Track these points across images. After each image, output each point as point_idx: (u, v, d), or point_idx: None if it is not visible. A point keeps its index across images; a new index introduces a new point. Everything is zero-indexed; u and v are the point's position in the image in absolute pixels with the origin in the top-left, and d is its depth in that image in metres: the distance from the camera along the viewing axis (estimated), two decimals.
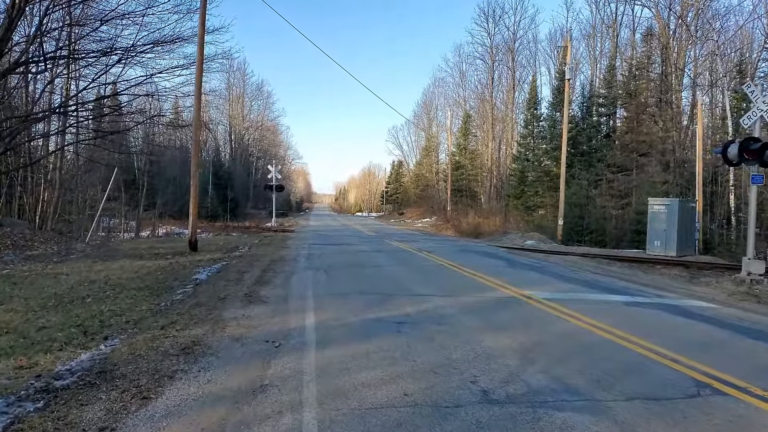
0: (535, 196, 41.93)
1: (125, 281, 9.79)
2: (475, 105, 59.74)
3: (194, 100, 16.62)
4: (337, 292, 8.79)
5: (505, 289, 9.42)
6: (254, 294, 8.30)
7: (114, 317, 6.67)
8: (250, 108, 75.69)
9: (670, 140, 32.98)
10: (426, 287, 9.42)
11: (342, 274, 11.09)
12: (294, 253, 15.86)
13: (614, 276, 12.40)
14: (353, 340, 5.59)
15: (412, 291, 8.94)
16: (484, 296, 8.61)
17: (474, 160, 56.69)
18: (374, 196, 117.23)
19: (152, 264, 12.67)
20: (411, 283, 9.83)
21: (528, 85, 52.15)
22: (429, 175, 68.43)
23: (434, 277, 10.83)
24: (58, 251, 15.13)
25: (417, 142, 77.77)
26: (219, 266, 12.15)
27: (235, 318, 6.55)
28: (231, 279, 9.98)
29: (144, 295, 8.22)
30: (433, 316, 6.92)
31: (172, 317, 6.52)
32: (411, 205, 72.36)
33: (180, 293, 8.38)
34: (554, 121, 41.99)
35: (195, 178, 16.60)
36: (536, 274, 12.07)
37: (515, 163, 47.07)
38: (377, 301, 7.92)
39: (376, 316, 6.76)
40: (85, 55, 18.11)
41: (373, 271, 11.70)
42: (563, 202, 28.36)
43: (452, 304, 7.73)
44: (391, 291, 8.88)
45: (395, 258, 14.80)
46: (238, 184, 64.13)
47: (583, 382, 4.37)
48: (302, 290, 8.89)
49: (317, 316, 6.73)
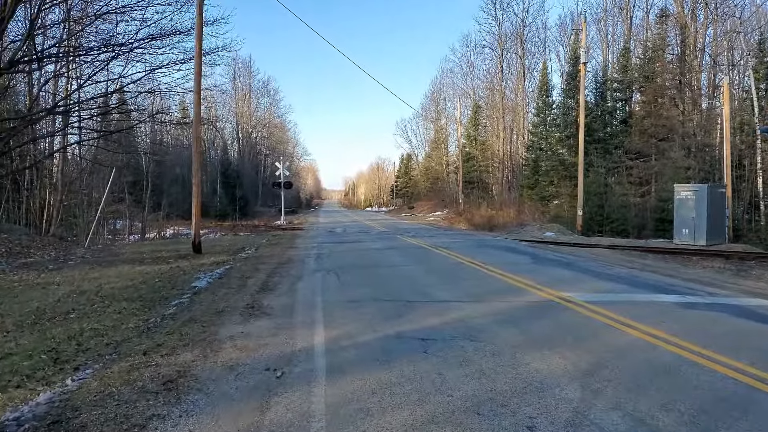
0: (550, 185, 40.73)
1: (118, 291, 8.92)
2: (484, 95, 58.45)
3: (194, 94, 15.70)
4: (350, 298, 7.83)
5: (538, 290, 8.41)
6: (257, 304, 7.36)
7: (94, 338, 5.77)
8: (257, 105, 75.02)
9: (691, 123, 31.67)
10: (448, 290, 8.43)
11: (354, 277, 10.12)
12: (303, 254, 14.93)
13: (652, 270, 11.33)
14: (371, 366, 4.62)
15: (434, 296, 7.95)
16: (517, 300, 7.61)
17: (485, 151, 55.44)
18: (383, 191, 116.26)
19: (151, 270, 11.82)
20: (431, 286, 8.84)
21: (538, 73, 50.80)
22: (439, 167, 67.24)
23: (455, 278, 9.83)
24: (56, 258, 14.33)
25: (426, 135, 76.63)
26: (222, 270, 11.24)
27: (231, 337, 5.61)
28: (233, 286, 9.06)
29: (134, 309, 7.32)
30: (462, 328, 5.93)
31: (160, 338, 5.60)
32: (421, 199, 71.24)
33: (174, 305, 7.47)
34: (567, 108, 40.70)
35: (197, 177, 15.70)
36: (566, 270, 11.03)
37: (528, 153, 45.90)
38: (395, 309, 6.95)
39: (395, 331, 5.79)
40: (85, 52, 17.29)
41: (387, 272, 10.72)
42: (582, 192, 27.16)
43: (482, 312, 6.73)
44: (410, 296, 7.91)
45: (410, 256, 13.81)
46: (247, 182, 63.44)
47: (675, 424, 3.37)
48: (310, 297, 7.94)
49: (327, 332, 5.77)
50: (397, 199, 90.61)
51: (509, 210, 39.63)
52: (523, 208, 39.88)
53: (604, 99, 39.21)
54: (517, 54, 52.93)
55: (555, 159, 40.60)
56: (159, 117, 21.59)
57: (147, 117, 19.30)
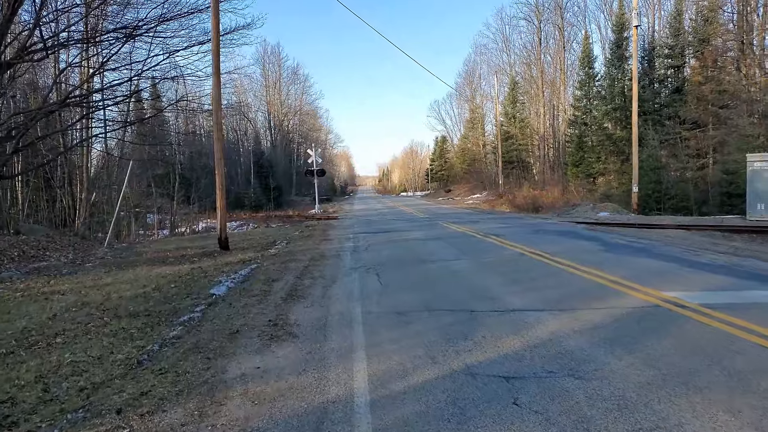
0: (597, 162, 38.23)
1: (126, 302, 7.65)
2: (521, 71, 55.65)
3: (213, 76, 14.34)
4: (396, 308, 6.28)
5: (631, 289, 6.67)
6: (281, 320, 5.89)
7: (68, 379, 4.40)
8: (287, 93, 73.96)
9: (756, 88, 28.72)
10: (519, 294, 6.76)
11: (398, 276, 8.55)
12: (337, 247, 13.48)
13: (751, 255, 9.40)
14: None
15: (502, 302, 6.31)
16: (611, 306, 5.90)
17: (524, 128, 52.88)
18: (418, 175, 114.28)
19: (170, 272, 10.58)
20: (495, 288, 7.19)
21: (578, 44, 47.91)
22: (475, 148, 64.86)
23: (522, 276, 8.14)
24: (73, 260, 13.30)
25: (460, 115, 74.12)
26: (247, 271, 9.88)
27: (243, 377, 4.14)
28: (256, 292, 7.63)
29: (135, 328, 5.98)
30: (556, 356, 4.31)
31: (149, 380, 4.18)
32: (458, 182, 69.11)
33: (182, 323, 6.09)
34: (613, 78, 37.99)
35: (220, 167, 14.41)
36: (650, 260, 9.20)
37: (571, 128, 43.38)
38: (458, 325, 5.36)
39: (465, 364, 4.21)
40: (98, 36, 16.16)
41: (437, 269, 9.11)
42: (637, 167, 24.84)
43: (573, 327, 5.08)
44: (472, 303, 6.30)
45: (459, 247, 12.15)
46: (280, 171, 62.67)
47: None
48: (347, 307, 6.43)
49: (371, 366, 4.24)
50: (432, 183, 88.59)
51: (553, 189, 37.56)
52: (568, 187, 37.71)
53: (653, 67, 36.32)
54: (556, 25, 50.04)
55: (601, 134, 38.07)
56: (182, 105, 20.40)
57: (168, 105, 18.07)
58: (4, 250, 12.93)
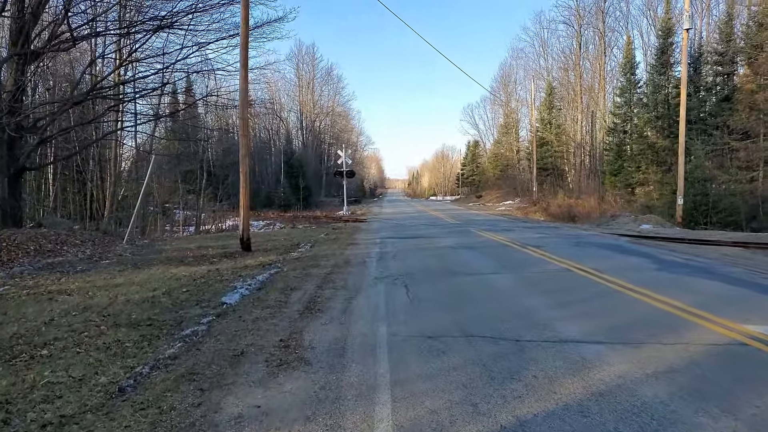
0: (637, 171, 36.64)
1: (131, 307, 7.01)
2: (558, 76, 54.04)
3: (240, 68, 13.74)
4: (427, 330, 5.42)
5: (705, 320, 5.65)
6: (294, 340, 5.11)
7: (37, 407, 3.69)
8: (320, 93, 73.82)
9: None
10: (571, 320, 5.81)
11: (428, 290, 7.68)
12: (363, 252, 12.69)
13: None
14: None
15: (553, 330, 5.37)
16: (687, 342, 4.90)
17: (560, 135, 51.29)
18: (448, 180, 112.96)
19: (186, 273, 9.97)
20: (542, 310, 6.26)
21: (618, 49, 46.30)
22: (509, 154, 63.39)
23: (571, 296, 7.17)
24: (90, 256, 12.85)
25: (494, 120, 72.72)
26: (265, 277, 9.16)
27: (239, 421, 3.35)
28: (270, 303, 6.88)
29: (130, 342, 5.29)
30: (632, 411, 3.38)
31: (123, 418, 3.43)
32: (490, 187, 67.66)
33: (184, 337, 5.36)
34: (656, 86, 36.36)
35: (245, 165, 13.80)
36: (714, 282, 8.10)
37: (610, 136, 41.82)
38: (501, 359, 4.47)
39: (516, 418, 3.32)
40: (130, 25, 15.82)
41: (472, 284, 8.21)
42: (683, 178, 23.39)
43: (647, 371, 4.13)
44: (517, 329, 5.39)
45: (495, 258, 11.20)
46: (310, 172, 62.40)
47: None
48: (371, 328, 5.60)
49: (398, 415, 3.40)
50: (463, 188, 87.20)
51: (589, 199, 36.14)
52: (605, 197, 36.23)
53: (699, 74, 34.60)
54: (597, 29, 48.44)
55: (642, 142, 36.46)
56: (212, 100, 19.97)
57: (197, 99, 17.64)
58: (21, 244, 12.57)
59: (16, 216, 15.56)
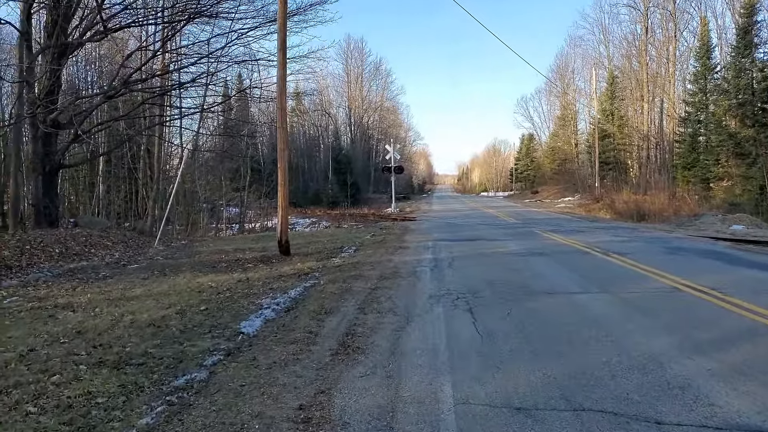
0: (716, 165, 33.28)
1: (133, 332, 5.72)
2: (620, 64, 50.39)
3: (278, 52, 12.38)
4: (514, 397, 3.69)
5: None
6: (318, 410, 3.50)
7: None
8: (368, 88, 72.57)
9: None
10: (723, 379, 3.93)
11: (503, 319, 5.88)
12: (414, 260, 11.04)
13: None
14: None
15: (709, 402, 3.51)
16: None
17: (623, 127, 47.83)
18: (500, 175, 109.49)
19: (213, 283, 8.68)
20: (675, 360, 4.37)
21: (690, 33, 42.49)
22: (566, 147, 59.98)
23: (705, 333, 5.19)
24: (118, 260, 11.83)
25: (550, 112, 69.10)
26: (298, 292, 7.69)
27: None
28: (297, 336, 5.34)
29: (102, 395, 3.89)
30: None
31: None
32: (546, 183, 64.44)
33: (172, 392, 3.90)
34: (739, 69, 32.79)
35: (283, 159, 12.46)
36: None
37: (681, 127, 38.38)
38: None
39: None
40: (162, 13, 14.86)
41: (558, 309, 6.35)
42: None
43: None
44: (650, 398, 3.57)
45: (577, 269, 9.25)
46: (358, 168, 61.29)
47: None
48: (429, 388, 3.91)
49: None
50: (517, 183, 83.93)
51: (659, 195, 33.05)
52: (677, 193, 33.10)
53: None
54: (666, 10, 44.63)
55: (722, 132, 33.03)
56: (254, 93, 18.85)
57: (236, 92, 16.52)
58: (47, 246, 11.67)
59: (51, 215, 14.86)
